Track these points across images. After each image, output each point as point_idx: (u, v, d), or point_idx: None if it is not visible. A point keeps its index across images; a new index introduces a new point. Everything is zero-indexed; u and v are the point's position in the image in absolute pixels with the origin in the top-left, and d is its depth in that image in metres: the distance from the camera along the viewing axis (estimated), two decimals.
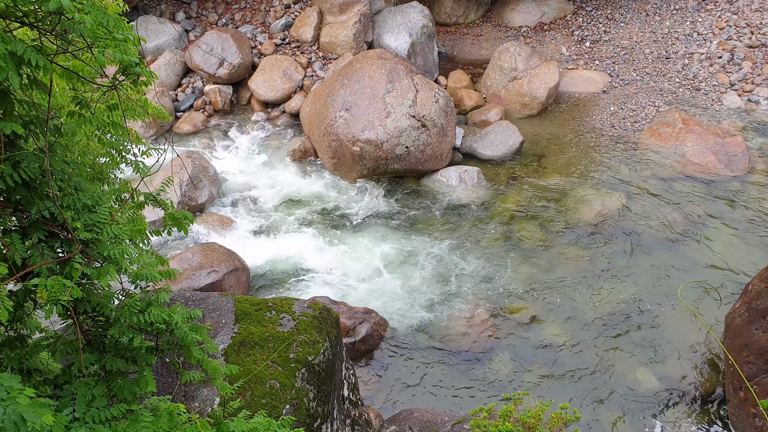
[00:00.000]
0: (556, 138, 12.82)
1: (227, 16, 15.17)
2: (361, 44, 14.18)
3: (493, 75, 13.98)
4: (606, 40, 15.70)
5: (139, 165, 3.43)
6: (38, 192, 2.92)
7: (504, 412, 4.93)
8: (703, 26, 15.47)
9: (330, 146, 11.50)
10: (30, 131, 2.94)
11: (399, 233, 10.50)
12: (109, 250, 3.02)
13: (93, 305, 3.11)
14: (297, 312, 5.02)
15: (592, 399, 7.93)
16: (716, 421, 7.70)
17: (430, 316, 9.02)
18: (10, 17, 2.73)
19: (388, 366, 8.37)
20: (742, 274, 9.49)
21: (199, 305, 5.00)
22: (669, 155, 12.07)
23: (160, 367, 4.47)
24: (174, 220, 3.47)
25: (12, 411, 2.18)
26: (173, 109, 13.15)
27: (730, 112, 13.12)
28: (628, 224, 10.58)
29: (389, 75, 11.54)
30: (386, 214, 10.93)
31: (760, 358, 7.02)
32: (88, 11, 2.58)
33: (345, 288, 9.49)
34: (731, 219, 10.64)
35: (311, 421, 4.57)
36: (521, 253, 10.10)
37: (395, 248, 10.19)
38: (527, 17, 16.57)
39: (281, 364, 4.56)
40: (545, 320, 8.98)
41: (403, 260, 9.96)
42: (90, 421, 2.99)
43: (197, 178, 10.67)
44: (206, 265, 8.82)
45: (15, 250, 2.82)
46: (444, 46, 15.92)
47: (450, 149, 11.85)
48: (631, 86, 14.12)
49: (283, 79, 13.43)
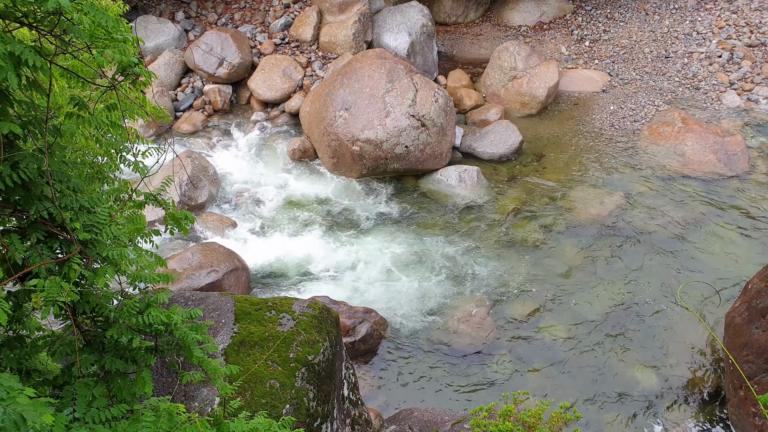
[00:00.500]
0: (556, 137, 12.82)
1: (227, 16, 15.17)
2: (361, 44, 14.17)
3: (493, 74, 13.97)
4: (605, 39, 15.69)
5: (139, 165, 3.43)
6: (36, 192, 2.92)
7: (504, 412, 4.93)
8: (702, 25, 15.47)
9: (329, 146, 11.49)
10: (29, 132, 2.93)
11: (399, 233, 10.49)
12: (108, 251, 3.01)
13: (92, 306, 3.11)
14: (297, 311, 5.02)
15: (592, 398, 7.93)
16: (716, 420, 7.71)
17: (429, 315, 9.02)
18: (9, 18, 2.72)
19: (388, 365, 8.37)
20: (742, 273, 9.49)
21: (198, 305, 5.00)
22: (668, 154, 12.06)
23: (160, 367, 4.47)
24: (174, 220, 3.47)
25: (12, 411, 2.18)
26: (173, 109, 13.14)
27: (729, 111, 13.12)
28: (627, 223, 10.58)
29: (389, 74, 11.54)
30: (386, 213, 10.93)
31: (760, 357, 7.02)
32: (87, 12, 2.57)
33: (345, 287, 9.49)
34: (731, 218, 10.64)
35: (311, 421, 4.57)
36: (521, 253, 10.10)
37: (395, 248, 10.19)
38: (527, 16, 16.56)
39: (281, 364, 4.56)
40: (545, 319, 8.98)
41: (402, 260, 9.96)
42: (90, 422, 2.99)
43: (197, 178, 10.67)
44: (206, 264, 8.82)
45: (15, 250, 2.82)
46: (443, 45, 15.92)
47: (449, 149, 11.85)
48: (630, 85, 14.12)
49: (282, 78, 13.42)
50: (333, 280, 9.64)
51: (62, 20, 2.60)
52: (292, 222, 10.72)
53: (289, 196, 11.34)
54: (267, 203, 11.17)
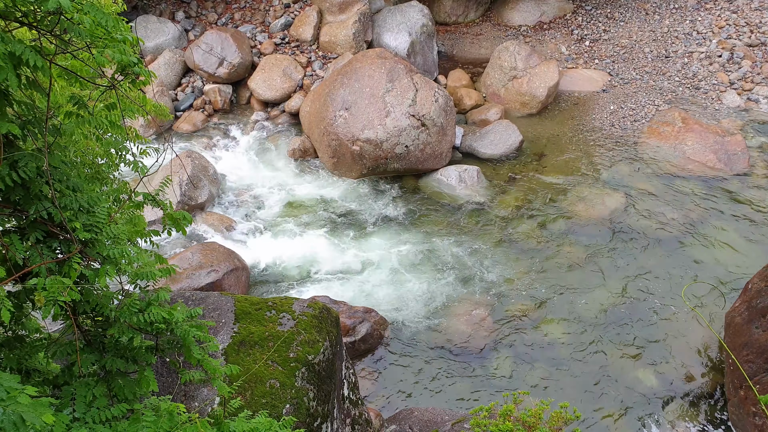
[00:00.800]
0: (556, 137, 12.82)
1: (227, 16, 15.17)
2: (361, 43, 14.17)
3: (493, 74, 13.97)
4: (606, 39, 15.69)
5: (138, 165, 3.42)
6: (35, 192, 2.92)
7: (504, 411, 4.93)
8: (702, 25, 15.47)
9: (330, 145, 11.49)
10: (28, 131, 2.93)
11: (399, 233, 10.49)
12: (109, 251, 3.01)
13: (92, 305, 3.11)
14: (297, 311, 5.02)
15: (593, 398, 7.93)
16: (716, 419, 7.71)
17: (429, 315, 9.02)
18: (9, 17, 2.72)
19: (388, 365, 8.38)
20: (742, 273, 9.49)
21: (198, 305, 5.00)
22: (669, 154, 12.06)
23: (160, 367, 4.47)
24: (173, 220, 3.47)
25: (12, 411, 2.18)
26: (173, 109, 13.14)
27: (729, 111, 13.12)
28: (627, 223, 10.58)
29: (389, 74, 11.54)
30: (386, 213, 10.93)
31: (760, 357, 7.02)
32: (87, 11, 2.57)
33: (345, 287, 9.49)
34: (731, 217, 10.64)
35: (311, 421, 4.57)
36: (521, 252, 10.09)
37: (395, 247, 10.19)
38: (527, 16, 16.56)
39: (281, 364, 4.56)
40: (545, 319, 8.98)
41: (402, 259, 9.96)
42: (90, 421, 2.98)
43: (197, 178, 10.67)
44: (206, 264, 8.82)
45: (15, 250, 2.82)
46: (444, 45, 15.92)
47: (450, 148, 11.85)
48: (630, 85, 14.12)
49: (282, 78, 13.42)
50: (333, 279, 9.64)
51: (62, 20, 2.60)
52: (291, 222, 10.72)
53: (289, 195, 11.34)
54: (267, 203, 11.17)
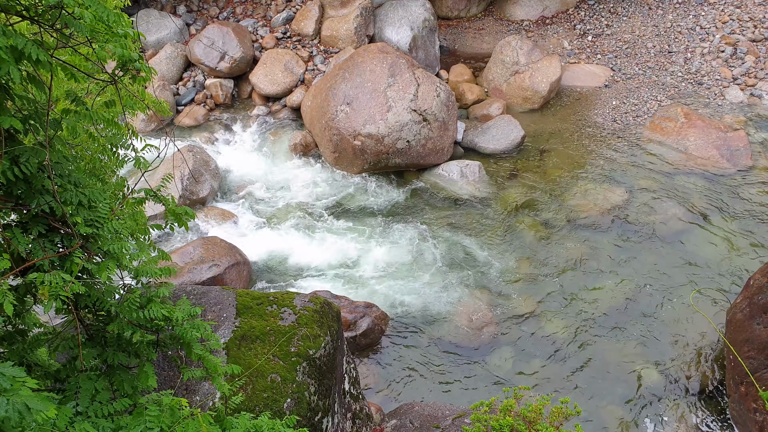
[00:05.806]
0: (558, 132, 12.79)
1: (228, 10, 15.13)
2: (363, 38, 14.13)
3: (495, 69, 13.93)
4: (608, 33, 15.62)
5: (140, 160, 3.42)
6: (37, 186, 2.92)
7: (505, 407, 4.93)
8: (705, 20, 15.39)
9: (331, 140, 11.48)
10: (30, 126, 2.93)
11: (400, 227, 10.49)
12: (110, 245, 3.02)
13: (93, 300, 3.11)
14: (298, 306, 5.03)
15: (593, 393, 7.95)
16: (717, 415, 7.72)
17: (430, 310, 9.03)
18: (10, 11, 2.72)
19: (389, 360, 8.39)
20: (744, 269, 9.48)
21: (200, 299, 5.01)
22: (671, 150, 12.03)
23: (161, 361, 4.48)
24: (174, 215, 3.47)
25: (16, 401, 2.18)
26: (174, 103, 13.12)
27: (732, 107, 13.07)
28: (629, 218, 10.57)
29: (390, 69, 11.51)
30: (387, 208, 10.93)
31: (761, 353, 7.02)
32: (88, 6, 2.56)
33: (346, 281, 9.50)
34: (733, 213, 10.62)
35: (312, 415, 4.58)
36: (522, 248, 10.09)
37: (396, 242, 10.19)
38: (529, 11, 16.49)
39: (282, 358, 4.57)
40: (546, 315, 8.99)
41: (403, 254, 9.96)
42: (93, 416, 2.99)
43: (198, 172, 10.67)
44: (207, 258, 8.83)
45: (18, 243, 2.82)
46: (446, 39, 15.86)
47: (451, 143, 11.83)
48: (633, 80, 14.07)
49: (284, 72, 13.39)
50: (334, 274, 9.65)
51: (63, 14, 2.59)
52: (293, 216, 10.72)
53: (290, 190, 11.33)
54: (268, 198, 11.17)
